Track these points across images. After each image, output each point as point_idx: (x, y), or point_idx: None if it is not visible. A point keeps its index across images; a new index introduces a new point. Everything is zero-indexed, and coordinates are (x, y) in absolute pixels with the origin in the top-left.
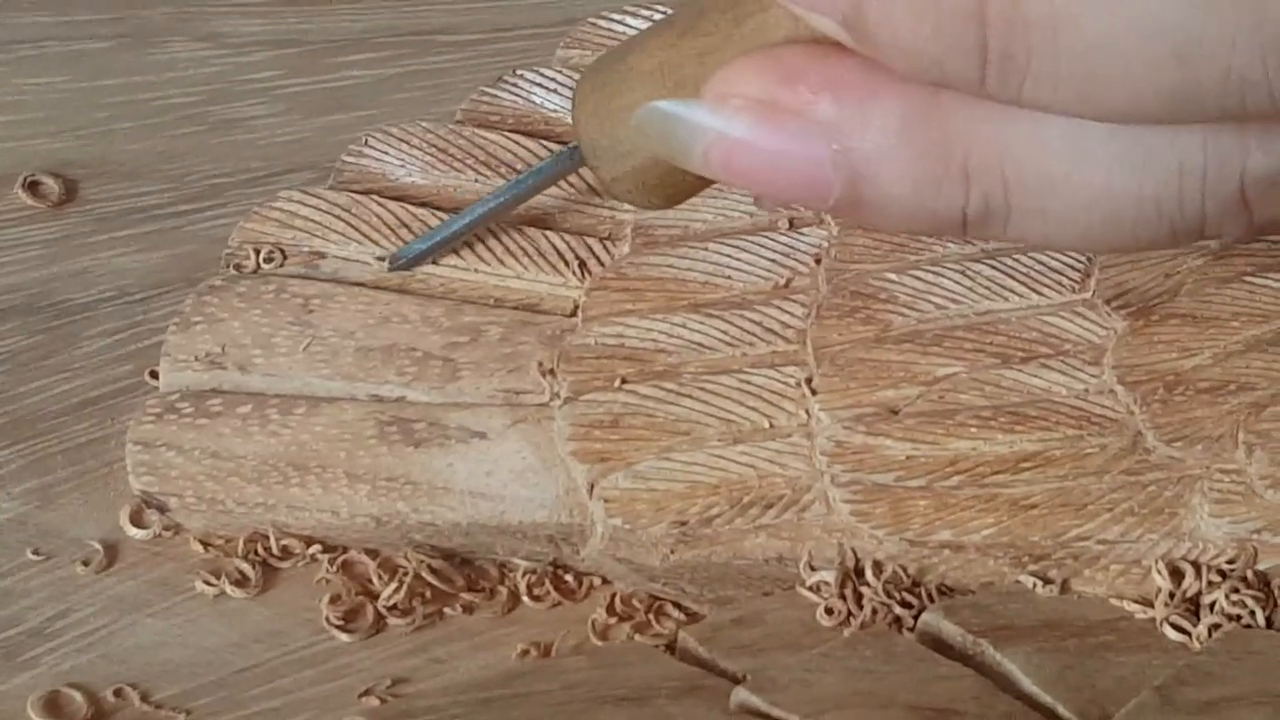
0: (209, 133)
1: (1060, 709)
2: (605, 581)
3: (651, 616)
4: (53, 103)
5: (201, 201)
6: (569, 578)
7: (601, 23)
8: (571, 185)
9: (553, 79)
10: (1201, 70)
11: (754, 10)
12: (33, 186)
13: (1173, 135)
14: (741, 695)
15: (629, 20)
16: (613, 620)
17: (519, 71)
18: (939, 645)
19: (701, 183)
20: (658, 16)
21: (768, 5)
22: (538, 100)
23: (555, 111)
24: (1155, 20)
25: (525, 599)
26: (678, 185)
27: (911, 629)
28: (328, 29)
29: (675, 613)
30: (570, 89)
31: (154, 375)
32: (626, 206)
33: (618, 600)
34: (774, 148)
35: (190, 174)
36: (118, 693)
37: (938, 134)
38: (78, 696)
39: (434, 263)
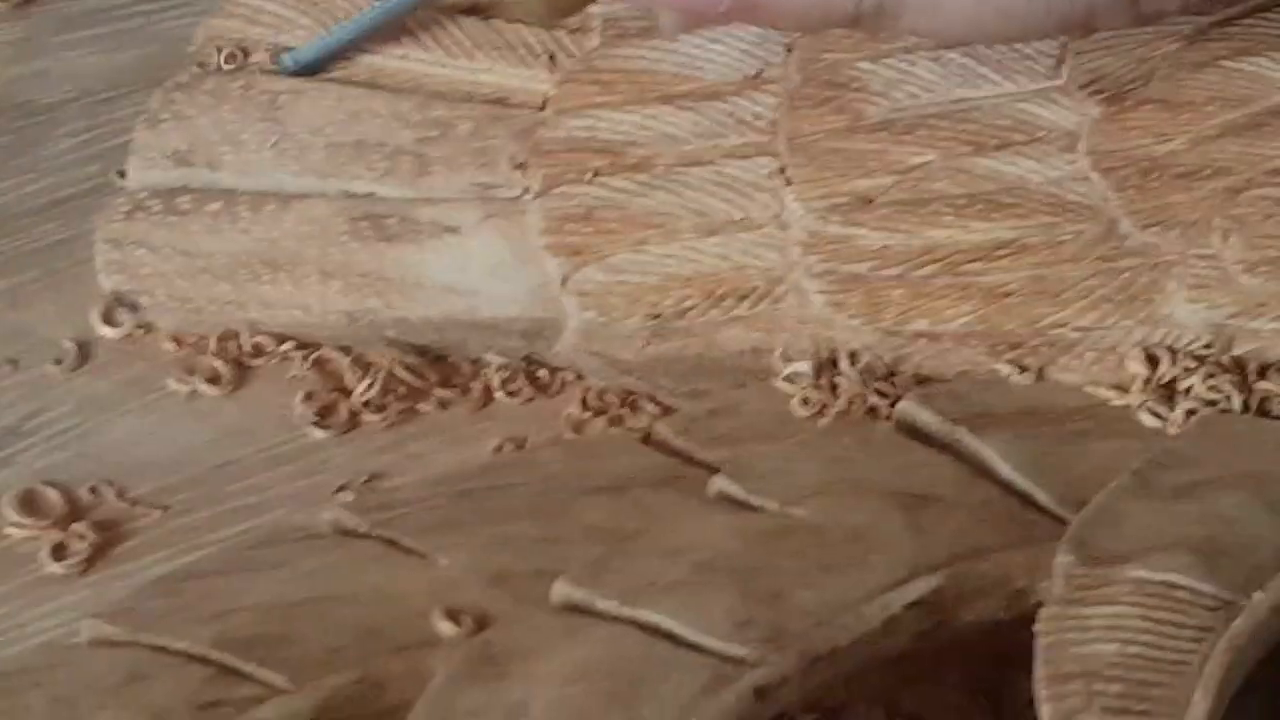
0: None
1: (1038, 494)
2: (579, 377)
3: (626, 410)
4: None
5: (164, 1)
6: (542, 373)
7: None
8: None
9: None
10: None
11: None
12: None
13: None
14: (720, 483)
15: None
16: (587, 415)
17: None
18: (916, 434)
19: None
20: None
21: None
22: None
23: None
24: None
25: (499, 395)
26: None
27: (888, 418)
28: None
29: (649, 407)
30: None
31: (122, 175)
32: None
33: (591, 395)
34: None
35: None
36: (93, 490)
37: None
38: (53, 494)
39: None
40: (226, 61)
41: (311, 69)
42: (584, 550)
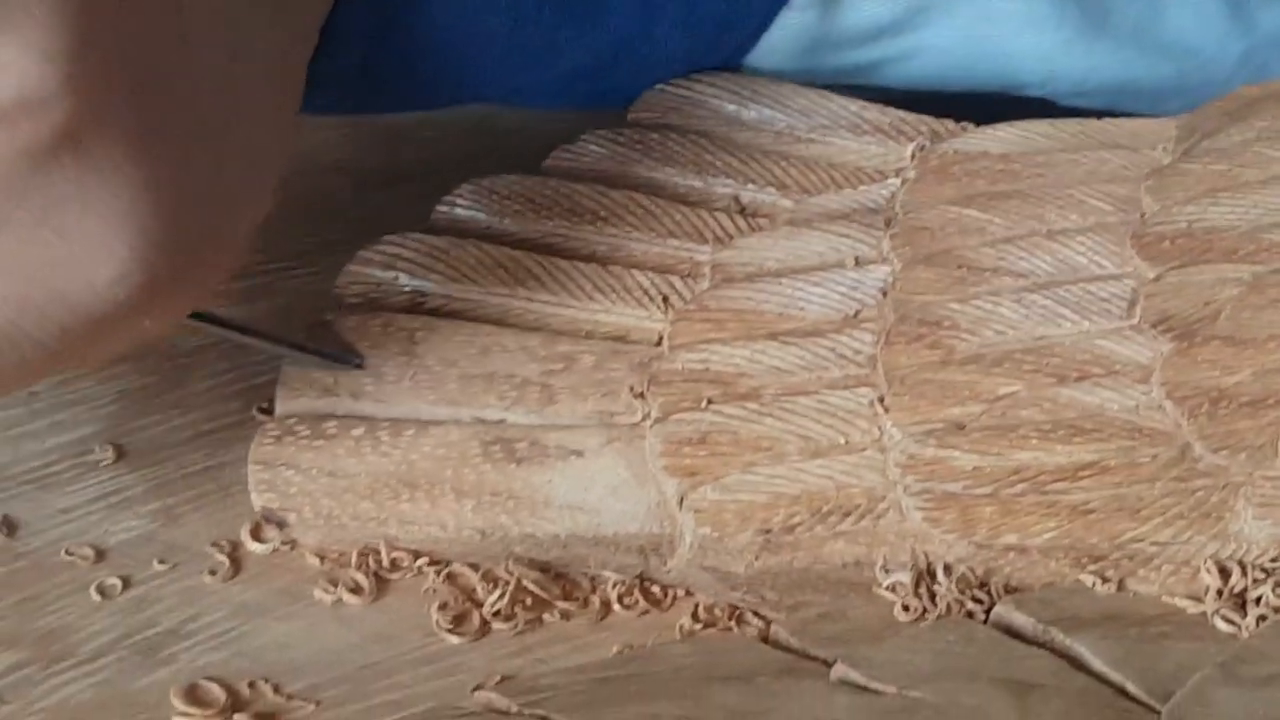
0: (292, 203)
1: (1129, 686)
2: (688, 593)
3: (733, 624)
4: None
5: (292, 261)
6: (655, 589)
7: (669, 89)
8: (652, 229)
9: (627, 137)
10: None
11: None
12: None
13: None
14: (841, 670)
15: (695, 86)
16: (698, 626)
17: (595, 131)
18: (1012, 634)
19: None
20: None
21: None
22: (615, 155)
23: (631, 165)
24: None
25: (616, 607)
26: None
27: (984, 623)
28: (389, 118)
29: (755, 621)
30: (642, 147)
31: (262, 410)
32: (705, 246)
33: (701, 609)
34: None
35: (278, 239)
36: (252, 685)
37: None
38: (215, 688)
39: None
40: (364, 303)
41: None
42: None
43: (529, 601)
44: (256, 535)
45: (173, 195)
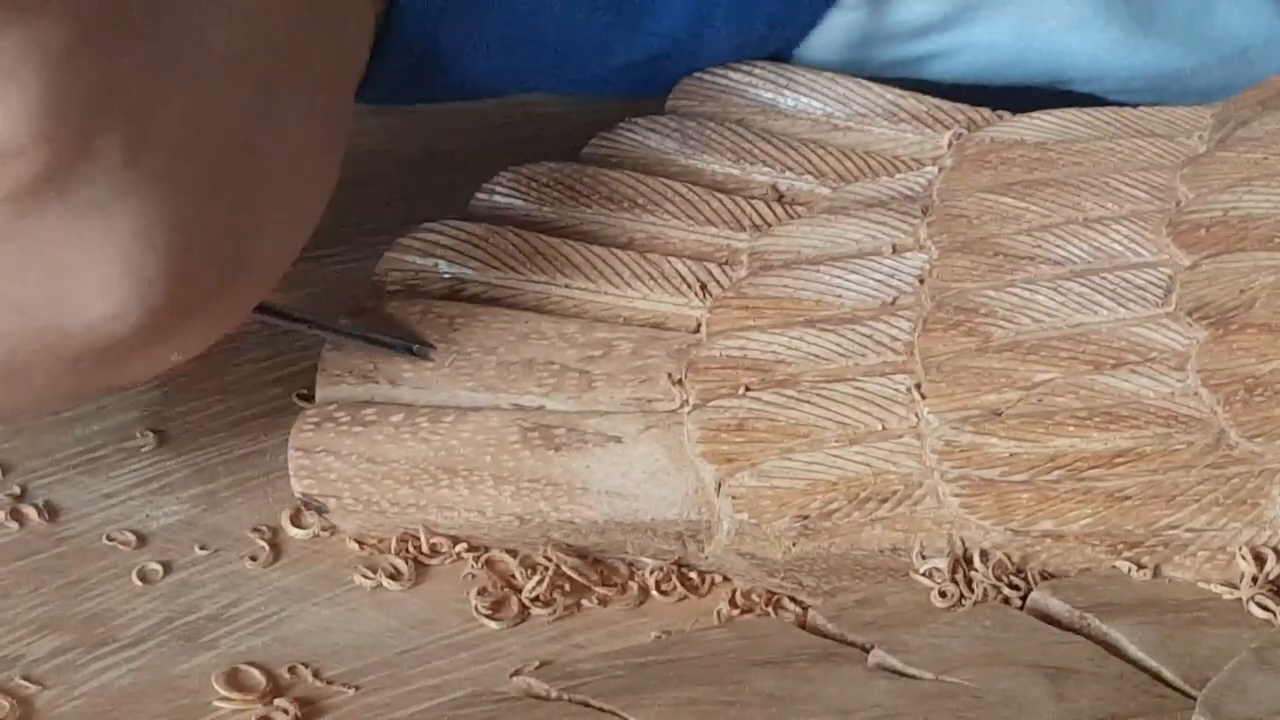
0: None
1: (1165, 672)
2: (725, 579)
3: (770, 610)
4: None
5: (331, 248)
6: (693, 575)
7: (707, 77)
8: (690, 217)
9: (665, 124)
10: None
11: None
12: None
13: None
14: (879, 656)
15: (733, 74)
16: (735, 612)
17: (633, 119)
18: (1048, 620)
19: None
20: (757, 72)
21: None
22: (653, 143)
23: (669, 153)
24: None
25: (654, 593)
26: None
27: (1020, 609)
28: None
29: (792, 606)
30: (680, 135)
31: (301, 397)
32: (742, 234)
33: (739, 595)
34: None
35: (318, 225)
36: (292, 670)
37: None
38: (256, 673)
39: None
40: (403, 290)
41: None
42: (761, 712)
43: (567, 587)
44: (296, 521)
45: (176, 233)
